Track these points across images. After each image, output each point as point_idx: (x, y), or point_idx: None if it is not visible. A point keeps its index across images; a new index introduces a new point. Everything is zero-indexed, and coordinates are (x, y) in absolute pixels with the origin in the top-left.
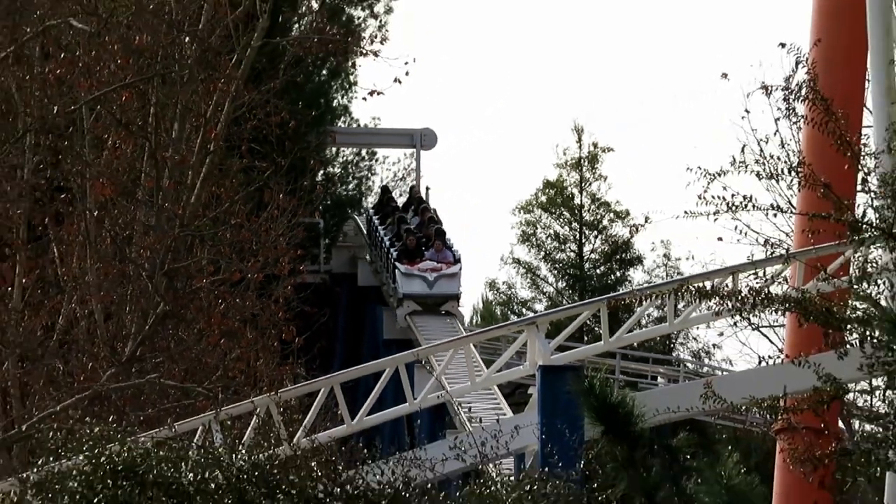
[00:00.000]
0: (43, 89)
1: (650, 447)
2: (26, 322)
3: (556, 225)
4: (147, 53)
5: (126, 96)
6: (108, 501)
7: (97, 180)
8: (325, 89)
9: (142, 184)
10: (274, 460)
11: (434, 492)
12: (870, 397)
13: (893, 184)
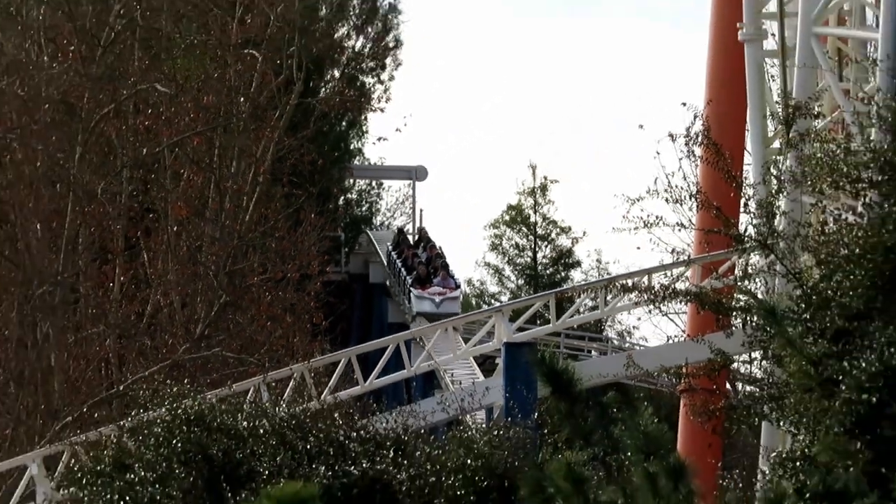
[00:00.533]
0: (135, 136)
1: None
2: (123, 309)
3: (517, 237)
4: (212, 109)
5: (197, 141)
6: (184, 443)
7: (176, 204)
8: (344, 136)
9: (209, 206)
10: (307, 412)
11: (425, 435)
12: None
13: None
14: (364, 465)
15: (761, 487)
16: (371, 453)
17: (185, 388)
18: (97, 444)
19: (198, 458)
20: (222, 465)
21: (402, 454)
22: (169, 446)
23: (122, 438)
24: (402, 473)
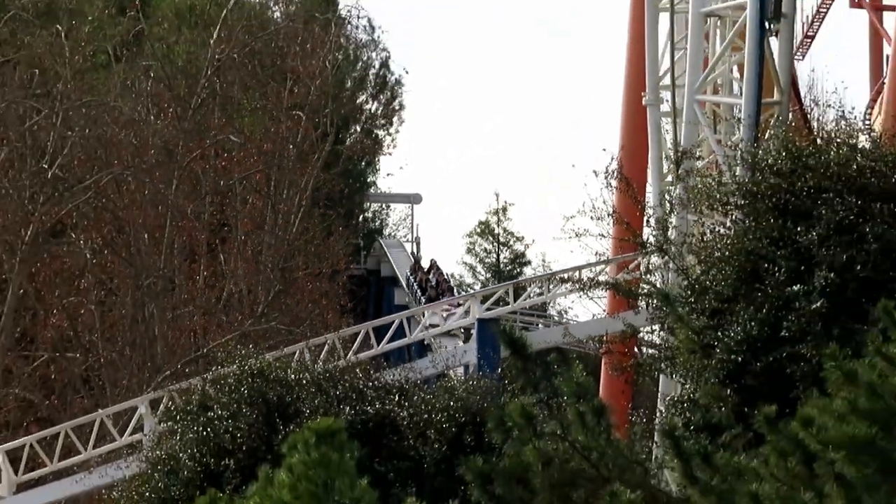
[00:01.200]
0: (215, 172)
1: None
2: (206, 295)
3: (486, 244)
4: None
5: (258, 176)
6: (249, 390)
7: (243, 220)
8: (363, 172)
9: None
10: (336, 368)
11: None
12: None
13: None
14: (377, 406)
15: (659, 422)
16: (382, 398)
17: (250, 351)
18: (187, 391)
19: (259, 401)
20: (276, 406)
21: (404, 398)
22: (238, 392)
23: (205, 387)
24: (404, 412)
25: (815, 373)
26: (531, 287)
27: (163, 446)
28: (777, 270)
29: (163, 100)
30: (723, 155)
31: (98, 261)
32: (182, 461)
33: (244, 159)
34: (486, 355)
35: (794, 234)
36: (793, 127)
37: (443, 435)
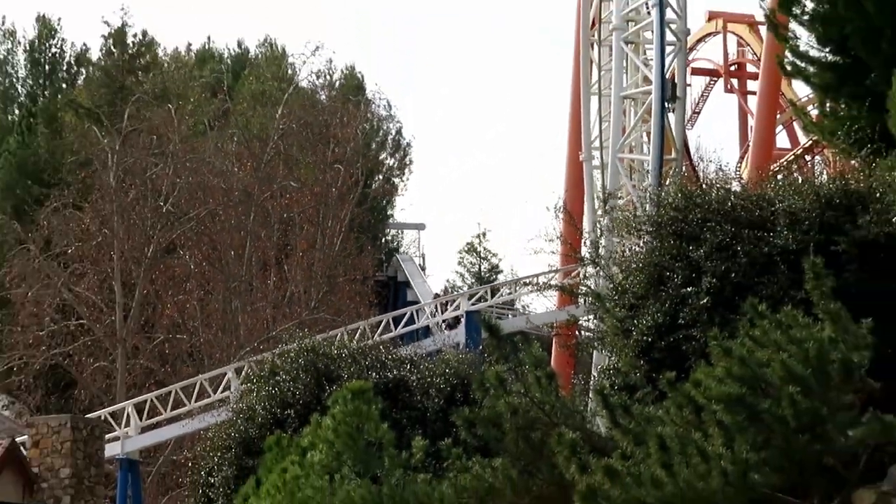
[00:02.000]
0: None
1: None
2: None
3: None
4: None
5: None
6: (304, 361)
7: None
8: (384, 208)
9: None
10: (366, 345)
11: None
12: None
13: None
14: (394, 373)
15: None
16: (398, 366)
17: (306, 333)
18: (261, 361)
19: (311, 368)
20: (323, 373)
21: (414, 367)
22: (297, 363)
23: (273, 359)
24: (413, 377)
25: (702, 349)
26: (503, 288)
27: (244, 401)
28: (675, 277)
29: (243, 157)
30: (636, 196)
31: (198, 270)
32: (257, 411)
33: (300, 199)
34: (471, 337)
35: (687, 252)
36: (685, 176)
37: (441, 393)
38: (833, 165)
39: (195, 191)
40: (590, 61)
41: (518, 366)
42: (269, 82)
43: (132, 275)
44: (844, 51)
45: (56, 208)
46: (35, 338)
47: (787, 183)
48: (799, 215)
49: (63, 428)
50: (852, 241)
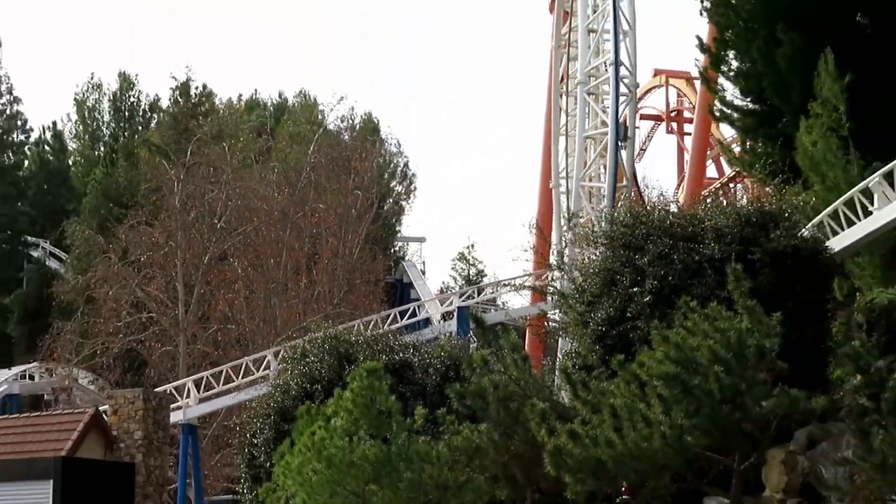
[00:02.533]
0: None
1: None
2: (304, 292)
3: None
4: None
5: (335, 227)
6: (329, 346)
7: (326, 251)
8: (393, 223)
9: (339, 253)
10: (378, 333)
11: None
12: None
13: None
14: (400, 355)
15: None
16: (403, 350)
17: (330, 324)
18: (294, 346)
19: (334, 352)
20: (344, 355)
21: (416, 350)
22: (323, 347)
23: (304, 344)
24: (416, 358)
25: (645, 337)
26: (487, 289)
27: (280, 378)
28: (624, 280)
29: (281, 184)
30: (594, 215)
31: (244, 274)
32: (291, 386)
33: (326, 217)
34: (462, 327)
35: (634, 260)
36: (633, 199)
37: (437, 372)
38: (751, 191)
39: (243, 211)
40: (559, 108)
41: (499, 350)
42: (303, 125)
43: (192, 277)
44: (761, 100)
45: (132, 225)
46: (114, 328)
47: (714, 205)
48: (723, 231)
49: (137, 399)
50: (766, 251)
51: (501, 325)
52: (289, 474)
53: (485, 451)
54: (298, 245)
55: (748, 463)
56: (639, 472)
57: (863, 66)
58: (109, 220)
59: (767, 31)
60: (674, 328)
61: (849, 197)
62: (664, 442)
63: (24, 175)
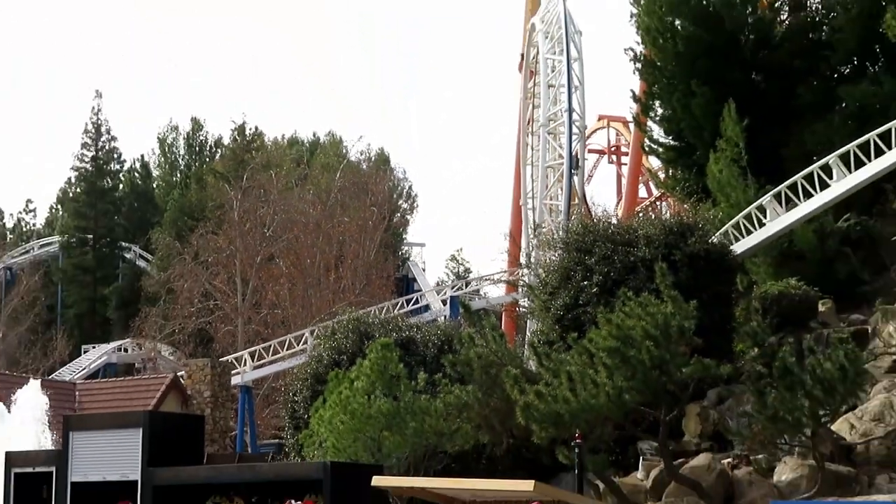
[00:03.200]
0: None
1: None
2: (333, 285)
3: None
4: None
5: (356, 235)
6: (353, 326)
7: (350, 253)
8: (400, 232)
9: (360, 255)
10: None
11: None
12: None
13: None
14: (406, 332)
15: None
16: (409, 329)
17: (353, 310)
18: (326, 326)
19: (356, 330)
20: (363, 333)
21: (418, 329)
22: (347, 327)
23: (334, 325)
24: (418, 335)
25: (593, 319)
26: (473, 282)
27: (315, 350)
28: (577, 276)
29: (315, 203)
30: (554, 226)
31: (287, 271)
32: (323, 357)
33: (350, 228)
34: (453, 311)
35: (584, 260)
36: (583, 214)
37: (435, 345)
38: (673, 208)
39: (286, 223)
40: (526, 144)
41: (481, 329)
42: (331, 157)
43: (247, 274)
44: (680, 138)
45: (201, 234)
46: (188, 312)
47: (644, 218)
48: (652, 238)
49: (206, 367)
50: (684, 254)
51: (484, 310)
52: (322, 424)
53: (471, 407)
54: (328, 249)
55: (672, 415)
56: (588, 422)
57: (756, 112)
58: (184, 230)
59: (685, 85)
60: (615, 312)
61: (747, 212)
62: (608, 399)
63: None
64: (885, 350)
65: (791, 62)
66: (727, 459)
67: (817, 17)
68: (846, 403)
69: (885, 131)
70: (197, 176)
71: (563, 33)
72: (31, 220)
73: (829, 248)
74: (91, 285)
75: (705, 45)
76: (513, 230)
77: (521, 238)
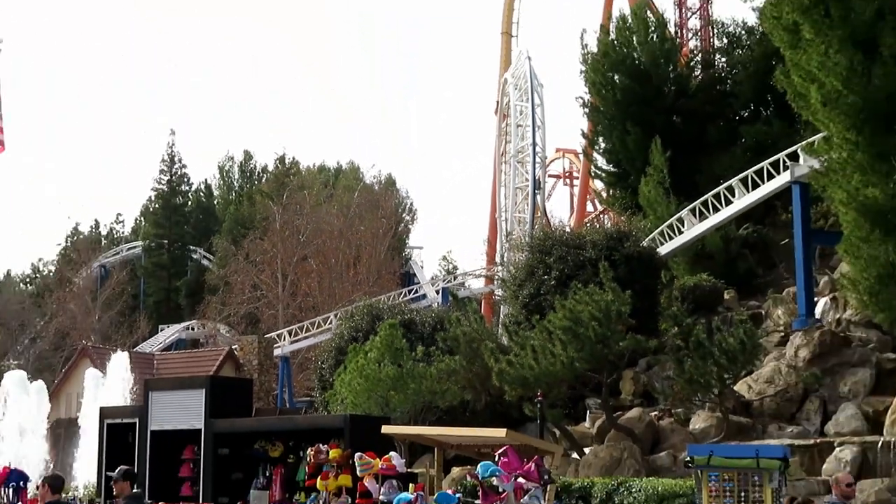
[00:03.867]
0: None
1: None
2: (352, 278)
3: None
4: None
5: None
6: (367, 311)
7: (366, 253)
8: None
9: (374, 255)
10: (396, 303)
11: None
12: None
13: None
14: (408, 315)
15: (501, 321)
16: (410, 312)
17: (367, 298)
18: (347, 310)
19: (370, 313)
20: (375, 315)
21: (417, 313)
22: (363, 310)
23: (352, 309)
24: (417, 317)
25: (552, 305)
26: (459, 276)
27: (338, 329)
28: (539, 271)
29: (338, 216)
30: (522, 233)
31: (317, 268)
32: (344, 334)
33: (365, 235)
34: (444, 299)
35: (545, 259)
36: (544, 225)
37: (430, 325)
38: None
39: (316, 232)
40: (500, 170)
41: (466, 313)
42: (351, 181)
43: (286, 270)
44: (619, 166)
45: (251, 240)
46: (241, 300)
47: (591, 227)
48: (596, 242)
49: (254, 342)
50: (622, 255)
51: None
52: (343, 385)
53: (457, 372)
54: (348, 251)
55: (611, 378)
56: (548, 384)
57: (676, 146)
58: (238, 237)
59: (621, 126)
60: (568, 300)
61: (669, 222)
62: (562, 366)
63: (188, 210)
64: (775, 328)
65: (703, 107)
66: (654, 412)
67: (723, 73)
68: (745, 369)
69: (774, 161)
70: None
71: (529, 86)
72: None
73: (732, 250)
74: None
75: (637, 95)
76: (490, 236)
77: (496, 242)
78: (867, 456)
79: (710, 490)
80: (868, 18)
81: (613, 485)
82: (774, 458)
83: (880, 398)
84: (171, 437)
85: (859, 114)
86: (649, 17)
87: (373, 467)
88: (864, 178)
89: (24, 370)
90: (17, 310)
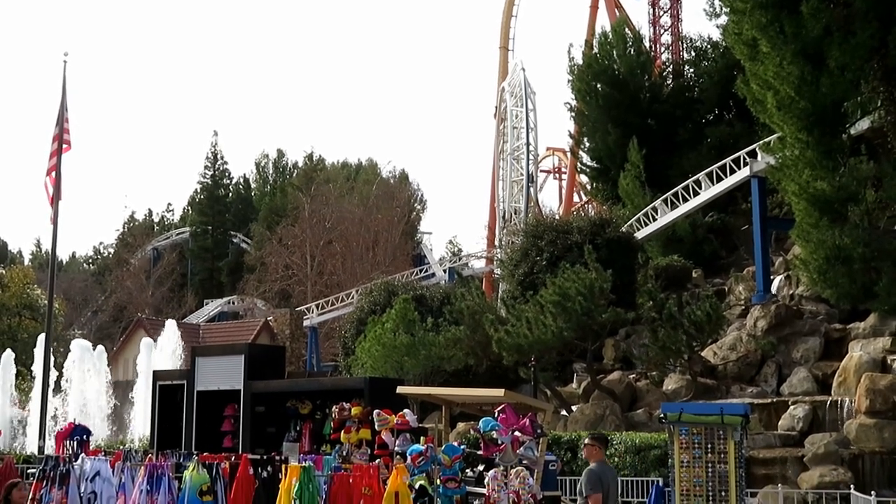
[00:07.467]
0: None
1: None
2: (371, 260)
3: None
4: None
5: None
6: (384, 287)
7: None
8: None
9: (390, 241)
10: (409, 281)
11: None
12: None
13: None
14: (419, 291)
15: (500, 297)
16: (421, 289)
17: (384, 276)
18: (367, 287)
19: (386, 290)
20: (391, 291)
21: (427, 289)
22: (381, 287)
23: (371, 286)
24: (427, 293)
25: (544, 282)
26: (463, 258)
27: (359, 303)
28: (533, 253)
29: (359, 206)
30: (518, 221)
31: (340, 251)
32: (364, 307)
33: (382, 221)
34: (450, 277)
35: (537, 243)
36: (536, 213)
37: (438, 300)
38: (596, 209)
39: (340, 220)
40: (498, 167)
41: (469, 289)
42: (370, 175)
43: (315, 252)
44: (601, 163)
45: (284, 226)
46: (275, 278)
47: (577, 215)
48: (582, 228)
49: (286, 314)
50: (604, 239)
51: (471, 277)
52: (363, 352)
53: (462, 340)
54: (368, 236)
55: (595, 346)
56: (540, 350)
57: (651, 145)
58: (272, 224)
59: (604, 128)
60: (558, 278)
61: (644, 211)
62: (553, 335)
63: (228, 200)
64: (737, 303)
65: (674, 111)
66: (632, 375)
67: (691, 82)
68: (711, 338)
69: (735, 157)
70: (281, 187)
71: (523, 93)
72: (171, 216)
73: (699, 234)
74: (210, 260)
75: (617, 101)
76: (490, 223)
77: (495, 228)
78: (817, 413)
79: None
80: (817, 35)
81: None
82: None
83: (828, 363)
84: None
85: (809, 117)
86: (627, 34)
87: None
88: (814, 173)
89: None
90: (81, 287)
